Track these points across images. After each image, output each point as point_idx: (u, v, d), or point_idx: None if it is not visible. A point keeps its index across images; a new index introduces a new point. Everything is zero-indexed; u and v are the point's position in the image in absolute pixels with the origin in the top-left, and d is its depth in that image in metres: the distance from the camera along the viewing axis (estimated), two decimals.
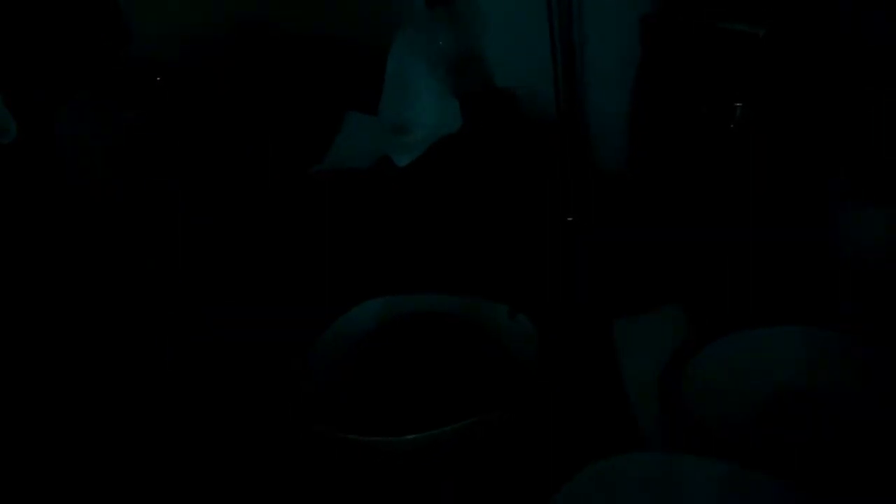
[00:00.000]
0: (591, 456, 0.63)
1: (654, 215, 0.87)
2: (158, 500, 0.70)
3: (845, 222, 0.76)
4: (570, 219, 0.97)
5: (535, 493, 0.61)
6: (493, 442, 0.68)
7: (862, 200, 0.74)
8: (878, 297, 0.74)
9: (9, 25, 1.10)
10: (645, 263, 0.86)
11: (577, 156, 1.02)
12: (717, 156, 0.78)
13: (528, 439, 0.69)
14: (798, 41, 0.72)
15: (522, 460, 0.68)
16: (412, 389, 0.73)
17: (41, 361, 0.83)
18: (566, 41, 1.00)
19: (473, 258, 0.90)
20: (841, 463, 0.62)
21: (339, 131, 1.06)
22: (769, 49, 0.72)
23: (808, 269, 0.78)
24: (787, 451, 0.65)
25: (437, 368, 0.75)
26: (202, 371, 0.80)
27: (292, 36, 1.11)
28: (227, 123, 1.07)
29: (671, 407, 0.68)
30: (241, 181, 1.03)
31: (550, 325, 0.77)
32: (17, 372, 0.81)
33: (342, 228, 0.95)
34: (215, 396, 0.78)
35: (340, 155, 1.04)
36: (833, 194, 0.76)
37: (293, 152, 1.04)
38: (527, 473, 0.66)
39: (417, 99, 1.03)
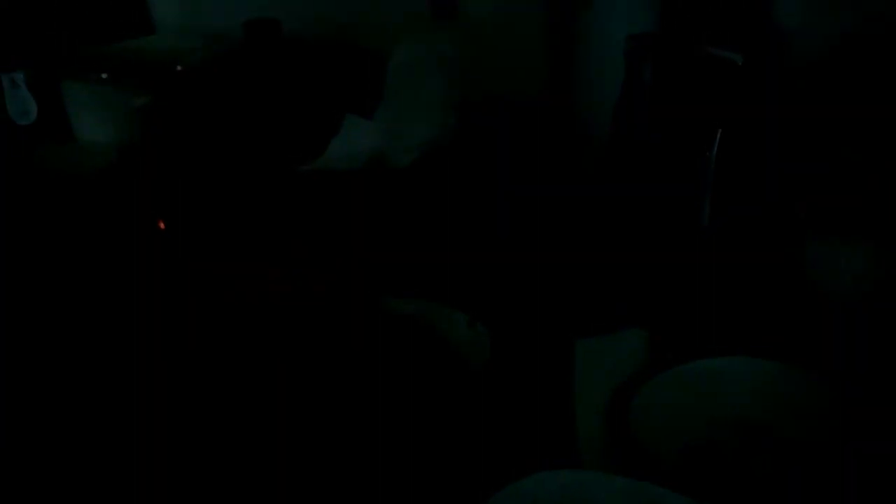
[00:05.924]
0: (521, 470, 0.62)
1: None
2: None
3: (814, 254, 0.74)
4: None
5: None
6: (435, 445, 0.68)
7: (831, 233, 0.73)
8: (842, 329, 0.72)
9: (32, 8, 1.15)
10: (616, 286, 0.85)
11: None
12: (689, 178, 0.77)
13: (468, 446, 0.69)
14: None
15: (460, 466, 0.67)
16: (359, 388, 0.74)
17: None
18: (564, 58, 1.00)
19: (454, 265, 0.90)
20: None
21: (338, 133, 1.08)
22: (746, 76, 0.72)
23: (778, 299, 0.76)
24: (726, 482, 0.64)
25: (387, 370, 0.75)
26: None
27: (300, 38, 1.13)
28: (231, 119, 1.09)
29: (615, 431, 0.67)
30: (235, 176, 1.05)
31: (512, 339, 0.77)
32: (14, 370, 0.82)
33: (327, 227, 0.96)
34: None
35: (334, 156, 1.05)
36: (804, 225, 0.75)
37: (289, 151, 1.06)
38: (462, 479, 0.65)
39: (416, 106, 1.04)
